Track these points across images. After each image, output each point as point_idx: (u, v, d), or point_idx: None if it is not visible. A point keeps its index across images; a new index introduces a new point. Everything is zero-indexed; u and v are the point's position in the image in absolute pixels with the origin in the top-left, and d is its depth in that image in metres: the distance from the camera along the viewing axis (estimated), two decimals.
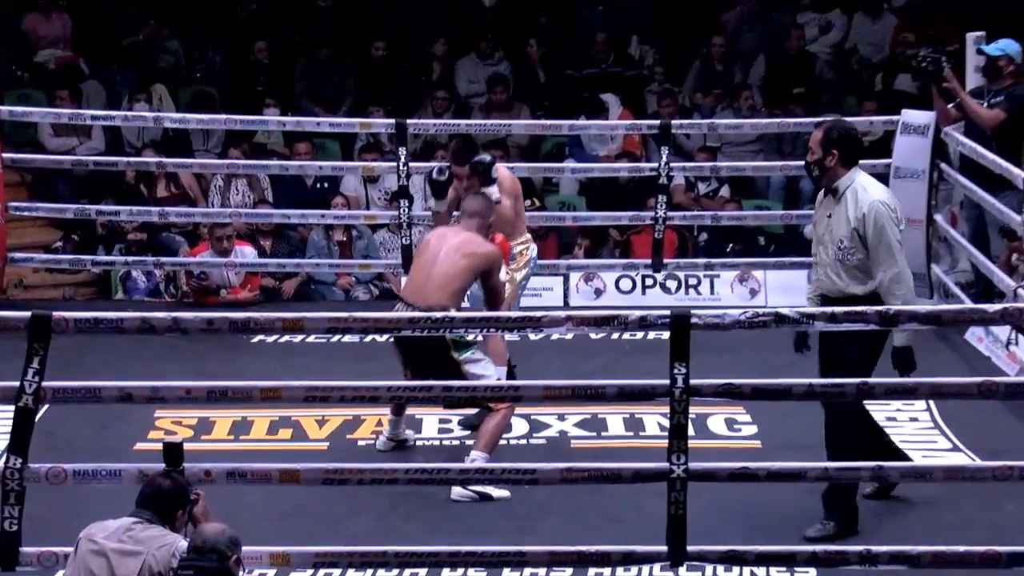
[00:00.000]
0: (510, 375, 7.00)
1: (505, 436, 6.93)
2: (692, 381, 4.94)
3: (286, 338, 8.33)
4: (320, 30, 11.85)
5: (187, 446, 6.39)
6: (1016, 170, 7.64)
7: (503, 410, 6.30)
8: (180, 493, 4.64)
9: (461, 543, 5.43)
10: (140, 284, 9.83)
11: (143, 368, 7.46)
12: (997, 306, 5.15)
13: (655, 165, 9.21)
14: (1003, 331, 7.64)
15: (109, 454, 6.34)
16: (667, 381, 4.95)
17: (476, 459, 6.20)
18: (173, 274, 9.71)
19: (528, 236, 7.23)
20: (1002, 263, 8.35)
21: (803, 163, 6.10)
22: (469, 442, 6.86)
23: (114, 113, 9.89)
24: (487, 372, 6.31)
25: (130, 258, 9.62)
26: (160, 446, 6.56)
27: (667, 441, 5.03)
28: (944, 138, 8.65)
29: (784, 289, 9.37)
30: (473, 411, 6.79)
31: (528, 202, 10.30)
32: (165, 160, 9.70)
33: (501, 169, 7.13)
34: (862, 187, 5.80)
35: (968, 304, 7.85)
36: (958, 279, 9.03)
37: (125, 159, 9.88)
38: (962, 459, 6.51)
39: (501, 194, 6.87)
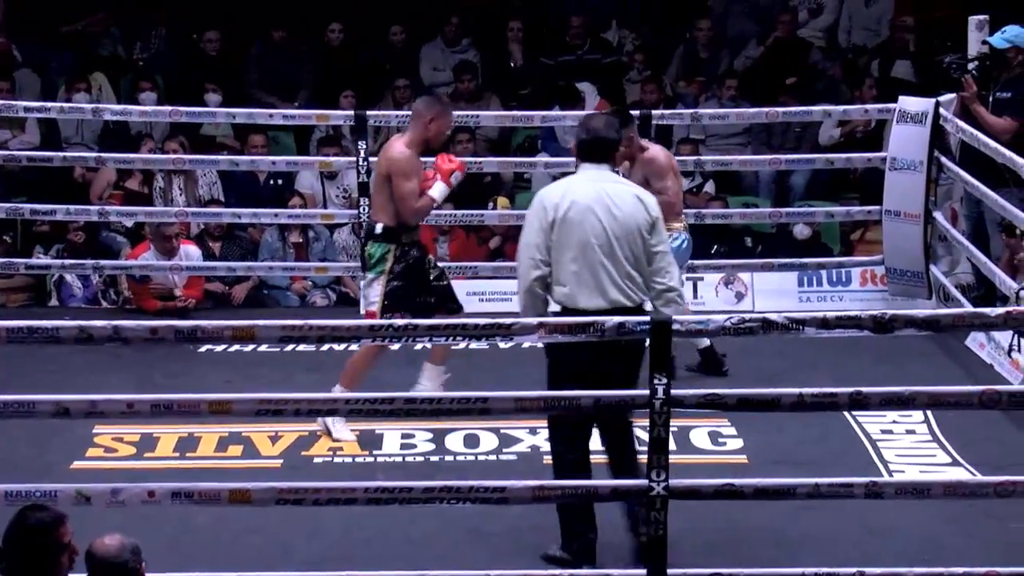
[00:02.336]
0: (717, 366, 7.61)
1: (473, 451, 6.97)
2: (673, 391, 4.97)
3: (236, 347, 8.34)
4: (273, 12, 11.85)
5: (130, 464, 6.45)
6: (1021, 160, 7.70)
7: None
8: (45, 532, 4.34)
9: (425, 567, 5.45)
10: (76, 292, 9.78)
11: (82, 380, 7.45)
12: (999, 310, 5.18)
13: None
14: (1005, 337, 7.70)
15: (45, 473, 6.33)
16: (647, 391, 4.98)
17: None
18: (112, 278, 9.69)
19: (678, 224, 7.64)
20: (1004, 263, 8.42)
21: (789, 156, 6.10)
22: (434, 458, 6.90)
23: (49, 104, 9.86)
24: (372, 299, 7.04)
25: (66, 261, 9.59)
26: (100, 464, 6.61)
27: (647, 456, 5.06)
28: (944, 125, 8.73)
29: (773, 293, 9.43)
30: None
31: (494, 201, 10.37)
32: (104, 155, 9.68)
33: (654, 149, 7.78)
34: None
35: (969, 308, 7.92)
36: (958, 281, 9.11)
37: (61, 154, 9.87)
38: (962, 474, 6.56)
39: (657, 177, 7.56)
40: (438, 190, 7.15)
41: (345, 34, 11.79)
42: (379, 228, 7.14)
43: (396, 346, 7.13)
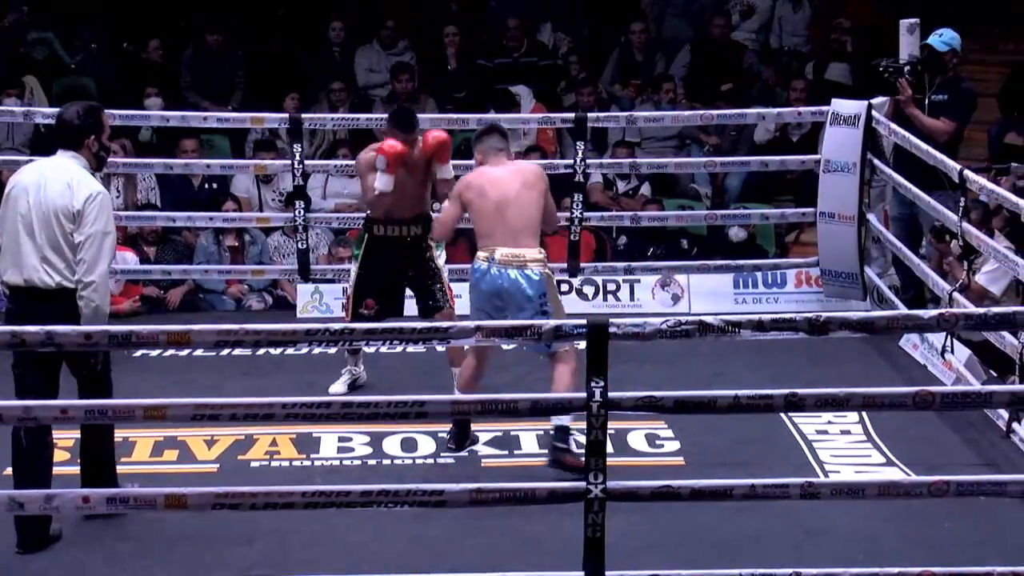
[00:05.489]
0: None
1: (411, 455, 6.96)
2: (611, 394, 4.99)
3: (171, 352, 8.29)
4: (207, 16, 11.80)
5: (63, 470, 6.39)
6: (952, 163, 7.78)
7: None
8: None
9: (364, 572, 5.44)
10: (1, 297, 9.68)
11: (14, 386, 7.38)
12: (933, 312, 5.23)
13: (570, 161, 9.28)
14: (938, 338, 7.78)
15: None
16: (584, 394, 4.99)
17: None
18: None
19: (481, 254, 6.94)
20: (934, 265, 8.50)
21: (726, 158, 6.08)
22: (371, 462, 6.89)
23: None
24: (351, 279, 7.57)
25: None
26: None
27: (584, 459, 5.07)
28: (877, 127, 8.80)
29: (709, 295, 9.48)
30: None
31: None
32: (37, 158, 9.56)
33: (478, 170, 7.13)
34: None
35: (903, 310, 7.99)
36: (892, 283, 9.18)
37: None
38: (897, 474, 6.62)
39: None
40: (378, 180, 7.38)
41: (280, 37, 11.75)
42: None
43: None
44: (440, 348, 7.72)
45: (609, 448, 5.13)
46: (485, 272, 6.74)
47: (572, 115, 9.54)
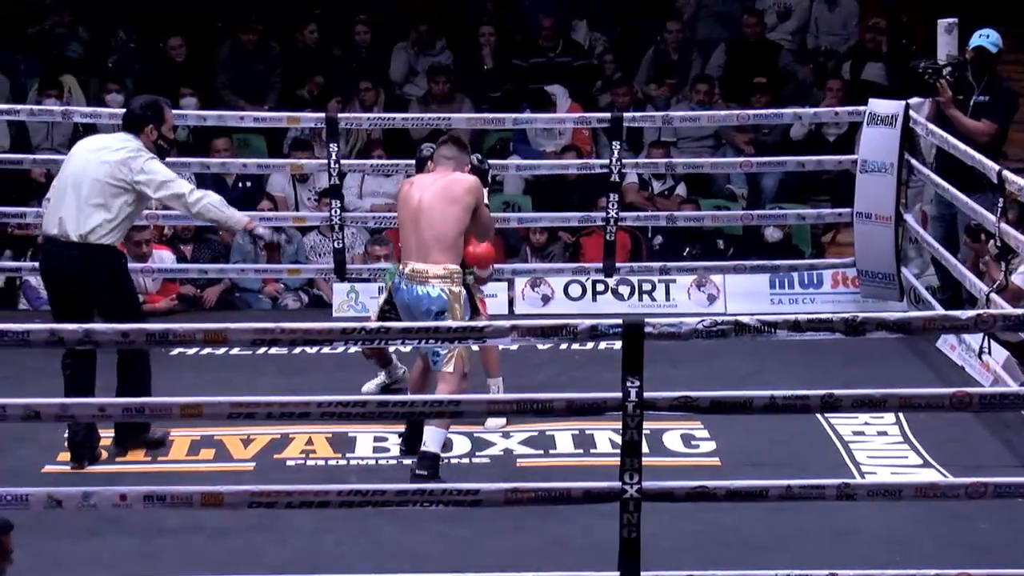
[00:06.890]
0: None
1: (446, 455, 6.96)
2: (646, 394, 4.97)
3: (208, 351, 8.31)
4: (242, 14, 11.82)
5: (101, 468, 6.43)
6: (990, 163, 7.73)
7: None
8: None
9: (396, 570, 5.45)
10: (42, 292, 9.74)
11: (51, 384, 7.42)
12: (970, 313, 5.21)
13: (606, 161, 9.28)
14: (976, 339, 7.73)
15: (15, 477, 6.29)
16: (619, 394, 4.98)
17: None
18: None
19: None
20: (970, 266, 8.45)
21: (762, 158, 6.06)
22: (407, 461, 6.89)
23: (18, 107, 9.81)
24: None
25: (37, 264, 9.52)
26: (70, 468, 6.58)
27: (619, 459, 5.06)
28: (914, 127, 8.76)
29: (745, 295, 9.45)
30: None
31: None
32: None
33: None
34: None
35: (940, 310, 7.95)
36: (930, 283, 9.14)
37: (31, 156, 9.82)
38: (933, 476, 6.59)
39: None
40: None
41: (316, 36, 11.78)
42: None
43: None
44: (476, 347, 7.72)
45: (644, 448, 5.12)
46: (398, 286, 6.73)
47: (608, 115, 9.53)
